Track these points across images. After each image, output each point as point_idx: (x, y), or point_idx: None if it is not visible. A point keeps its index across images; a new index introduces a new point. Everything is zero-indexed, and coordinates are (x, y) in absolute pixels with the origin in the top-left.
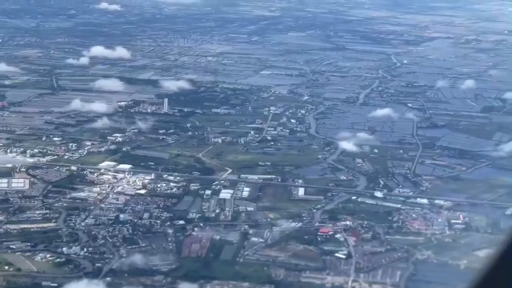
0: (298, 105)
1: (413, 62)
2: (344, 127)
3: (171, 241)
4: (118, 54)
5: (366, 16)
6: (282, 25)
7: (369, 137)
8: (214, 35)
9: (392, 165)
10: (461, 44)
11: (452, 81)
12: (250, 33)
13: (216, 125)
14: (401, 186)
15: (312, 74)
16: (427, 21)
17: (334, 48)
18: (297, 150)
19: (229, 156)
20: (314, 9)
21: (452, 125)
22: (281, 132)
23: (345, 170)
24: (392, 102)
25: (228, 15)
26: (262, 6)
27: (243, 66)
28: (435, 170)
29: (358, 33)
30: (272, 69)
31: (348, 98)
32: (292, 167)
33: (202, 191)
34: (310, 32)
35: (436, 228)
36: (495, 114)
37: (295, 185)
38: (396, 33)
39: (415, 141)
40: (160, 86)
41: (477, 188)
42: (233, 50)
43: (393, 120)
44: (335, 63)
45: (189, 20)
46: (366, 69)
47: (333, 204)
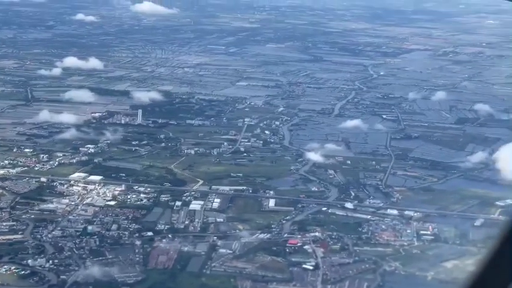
0: (273, 116)
1: (390, 74)
2: (318, 138)
3: (138, 253)
4: (94, 65)
5: (346, 28)
6: (261, 36)
7: (342, 148)
8: (192, 46)
9: (364, 176)
10: (438, 56)
11: (427, 93)
12: (228, 45)
13: (189, 136)
14: (372, 198)
15: (289, 86)
16: (406, 33)
17: (312, 59)
18: (270, 161)
19: (202, 167)
20: (294, 21)
21: (426, 136)
22: (255, 143)
23: (316, 181)
24: (367, 113)
25: (207, 27)
26: (241, 18)
27: (219, 77)
28: (407, 181)
29: (336, 44)
30: (249, 81)
31: (324, 110)
32: (264, 178)
33: (172, 202)
34: (288, 43)
35: (405, 239)
36: (469, 125)
37: (266, 196)
38: (375, 45)
39: (388, 153)
40: (136, 97)
41: (447, 199)
42: (210, 61)
43: (367, 132)
44: (312, 75)
45: (168, 31)
46: (342, 80)
47: (303, 215)
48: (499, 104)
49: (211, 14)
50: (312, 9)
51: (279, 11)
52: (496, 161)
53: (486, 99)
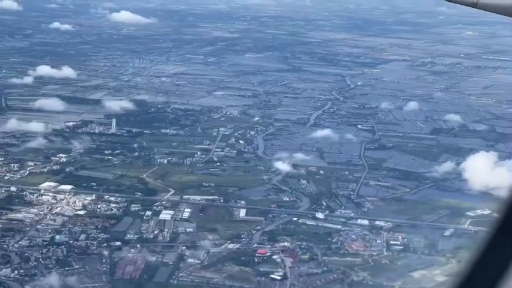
0: (249, 126)
1: (367, 84)
2: (292, 148)
3: (105, 263)
4: (70, 74)
5: (325, 38)
6: (240, 46)
7: (316, 158)
8: (170, 55)
9: (336, 186)
10: (416, 67)
11: (403, 103)
12: (207, 54)
13: (163, 145)
14: (343, 208)
15: (265, 95)
16: (385, 43)
17: (290, 69)
18: (243, 171)
19: (174, 177)
20: (274, 31)
21: (400, 146)
22: (228, 153)
23: (289, 191)
24: (343, 123)
25: (186, 36)
26: (221, 28)
27: (196, 87)
28: (379, 191)
29: (315, 55)
30: (225, 90)
31: (299, 119)
32: (236, 188)
33: (142, 212)
34: (267, 53)
35: (374, 249)
36: (443, 136)
37: (237, 206)
38: (353, 56)
39: (362, 163)
40: (111, 107)
41: (418, 209)
42: (188, 70)
43: (341, 142)
44: (289, 85)
45: (147, 41)
46: (320, 90)
47: (273, 225)
48: (474, 115)
49: (191, 23)
50: (293, 19)
51: (259, 21)
52: (468, 172)
53: (462, 110)
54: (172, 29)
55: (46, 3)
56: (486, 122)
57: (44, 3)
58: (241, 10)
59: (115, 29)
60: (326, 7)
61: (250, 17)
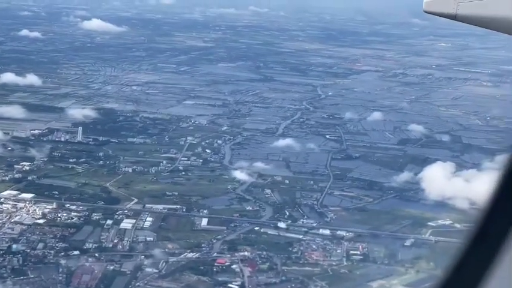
0: (216, 135)
1: (338, 94)
2: (258, 158)
3: (62, 272)
4: (40, 82)
5: (299, 48)
6: (213, 56)
7: (282, 168)
8: (142, 64)
9: (300, 196)
10: (388, 78)
11: (373, 114)
12: (180, 63)
13: (129, 154)
14: (306, 217)
15: (236, 105)
16: (358, 54)
17: (262, 79)
18: (208, 180)
19: (138, 185)
20: (248, 41)
21: (367, 156)
22: (194, 162)
23: (252, 200)
24: (311, 133)
25: (160, 45)
26: (196, 37)
27: (166, 95)
28: (343, 201)
29: (288, 64)
30: (196, 99)
31: (268, 129)
32: (199, 197)
33: (103, 220)
34: (240, 63)
35: (334, 259)
36: (410, 146)
37: (199, 215)
38: (326, 66)
39: (327, 173)
40: (79, 115)
41: (381, 219)
42: (159, 79)
43: (308, 152)
44: (260, 94)
45: (120, 49)
46: (290, 100)
47: (234, 234)
48: (442, 126)
49: (165, 32)
50: (268, 29)
51: (234, 31)
52: (431, 182)
53: (430, 121)
54: (146, 37)
55: (19, 11)
56: (453, 133)
57: (17, 11)
58: (216, 19)
59: (89, 37)
60: (302, 17)
61: (225, 27)
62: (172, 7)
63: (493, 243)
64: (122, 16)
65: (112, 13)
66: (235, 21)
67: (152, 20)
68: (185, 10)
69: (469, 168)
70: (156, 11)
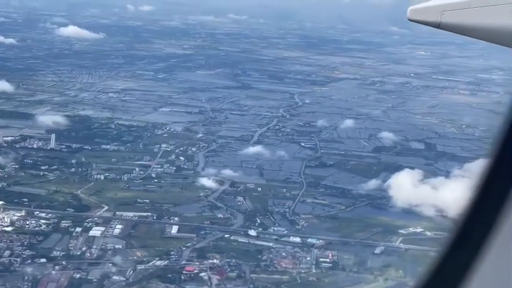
0: (191, 142)
1: (315, 102)
2: (232, 165)
3: (27, 280)
4: (15, 89)
5: (278, 56)
6: (192, 63)
7: (255, 175)
8: (120, 71)
9: (272, 203)
10: (366, 85)
11: (349, 121)
12: (158, 71)
13: (102, 161)
14: (277, 225)
15: (212, 112)
16: (337, 62)
17: (239, 86)
18: (180, 187)
19: (109, 193)
20: (228, 48)
21: (341, 164)
22: (167, 169)
23: (224, 208)
24: (286, 141)
25: (139, 52)
26: (175, 44)
27: (143, 103)
28: (315, 208)
29: (266, 72)
30: (172, 107)
31: (243, 136)
32: (171, 205)
33: (72, 228)
34: (219, 70)
35: (303, 266)
36: (385, 154)
37: (170, 223)
38: (305, 73)
39: (301, 180)
40: (53, 122)
41: (352, 226)
42: (137, 86)
43: (283, 159)
44: (237, 102)
45: (98, 56)
46: (267, 108)
47: (204, 242)
48: (417, 133)
49: (145, 39)
50: (248, 36)
51: (214, 38)
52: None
53: (406, 129)
54: (125, 45)
55: None
56: (428, 141)
57: None
58: (197, 27)
59: (67, 44)
60: (283, 25)
61: (205, 34)
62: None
63: (472, 247)
64: (102, 23)
65: (92, 20)
66: (216, 28)
67: (132, 27)
68: (165, 17)
69: (441, 176)
70: (136, 18)
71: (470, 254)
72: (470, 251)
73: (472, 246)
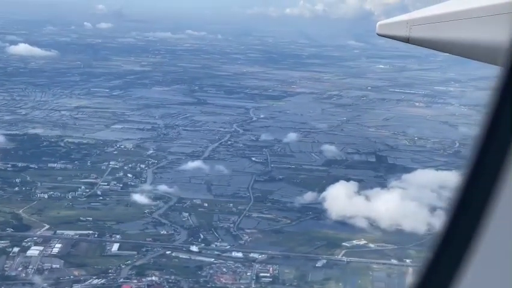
0: (141, 159)
1: (270, 117)
2: (180, 181)
3: None
4: None
5: (237, 71)
6: (149, 80)
7: (203, 191)
8: (75, 89)
9: (217, 219)
10: (322, 99)
11: (302, 135)
12: (113, 88)
13: (47, 180)
14: (221, 240)
15: (165, 128)
16: (296, 76)
17: (195, 102)
18: (125, 205)
19: (52, 212)
20: (186, 64)
21: (290, 178)
22: (114, 186)
23: (168, 224)
24: (237, 156)
25: (96, 70)
26: (134, 61)
27: (95, 120)
28: (260, 223)
29: (223, 87)
30: (124, 124)
31: (194, 152)
32: (114, 222)
33: (10, 248)
34: (175, 86)
35: (243, 281)
36: (335, 167)
37: (110, 241)
38: (262, 88)
39: (248, 195)
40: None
41: (296, 240)
42: (90, 104)
43: (232, 174)
44: (191, 118)
45: (54, 74)
46: (221, 123)
47: (145, 259)
48: (369, 146)
49: (104, 57)
50: (209, 52)
51: (174, 55)
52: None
53: (358, 142)
54: (83, 62)
55: None
56: (380, 153)
57: None
58: (157, 44)
59: (23, 62)
60: (244, 41)
61: (165, 51)
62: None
63: (462, 243)
64: (61, 41)
65: (51, 38)
66: (176, 45)
67: (91, 45)
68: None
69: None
70: (96, 36)
71: (462, 246)
72: (461, 243)
73: (462, 241)
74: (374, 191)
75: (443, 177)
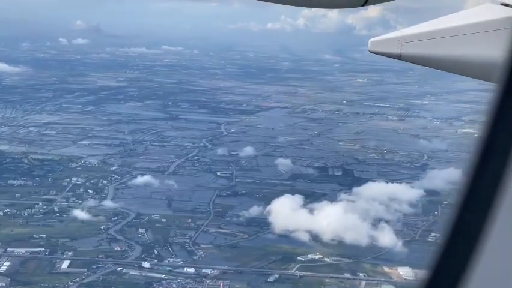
0: (104, 175)
1: (241, 131)
2: (141, 197)
3: None
4: None
5: (213, 86)
6: (124, 95)
7: (163, 206)
8: (47, 105)
9: (174, 234)
10: (296, 114)
11: (271, 150)
12: (86, 104)
13: (5, 197)
14: (174, 256)
15: (132, 144)
16: (272, 91)
17: (167, 118)
18: (81, 221)
19: (5, 229)
20: (163, 80)
21: (253, 193)
22: (72, 203)
23: (123, 240)
24: (203, 171)
25: (71, 86)
26: (111, 77)
27: (63, 136)
28: (217, 238)
29: (197, 103)
30: (92, 139)
31: (159, 168)
32: (67, 239)
33: None
34: (149, 102)
35: None
36: (300, 181)
37: (61, 258)
38: (236, 103)
39: (208, 210)
40: None
41: (251, 255)
42: (60, 120)
43: (195, 189)
44: (161, 133)
45: (27, 91)
46: (190, 138)
47: (94, 276)
48: (337, 160)
49: (80, 73)
50: (187, 68)
51: (152, 70)
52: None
53: (327, 155)
54: (58, 78)
55: None
56: (346, 167)
57: None
58: (136, 59)
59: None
60: (225, 56)
61: (143, 66)
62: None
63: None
64: (38, 57)
65: (28, 54)
66: (156, 60)
67: (68, 61)
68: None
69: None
70: (74, 52)
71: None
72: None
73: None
74: (321, 204)
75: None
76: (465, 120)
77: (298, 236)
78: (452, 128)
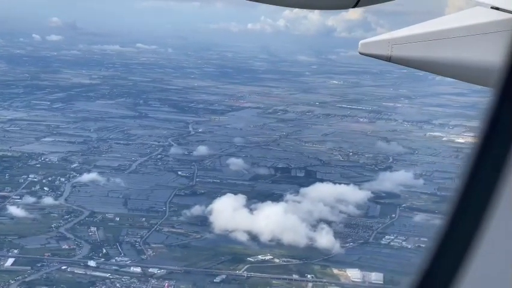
0: (63, 173)
1: (209, 131)
2: (98, 195)
3: None
4: None
5: (187, 85)
6: (95, 93)
7: (118, 205)
8: (15, 101)
9: (126, 233)
10: (266, 114)
11: (236, 150)
12: (55, 101)
13: None
14: (122, 255)
15: (96, 142)
16: (246, 91)
17: (135, 116)
18: (32, 219)
19: None
20: (138, 78)
21: (212, 192)
22: (26, 200)
23: (72, 239)
24: (164, 170)
25: (43, 82)
26: (85, 74)
27: (27, 133)
28: (169, 237)
29: (168, 101)
30: (56, 137)
31: (120, 166)
32: (15, 237)
33: None
34: (120, 100)
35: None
36: (261, 182)
37: (6, 256)
38: (208, 103)
39: (164, 209)
40: None
41: (200, 255)
42: (26, 116)
43: (153, 188)
44: (127, 131)
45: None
46: (156, 137)
47: (37, 274)
48: (301, 161)
49: (54, 69)
50: (163, 66)
51: (127, 68)
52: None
53: (292, 157)
54: (31, 75)
55: None
56: (310, 168)
57: None
58: (114, 57)
59: None
60: (203, 55)
61: (119, 64)
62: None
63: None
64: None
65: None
66: (132, 58)
67: (45, 57)
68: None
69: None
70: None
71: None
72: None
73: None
74: (264, 205)
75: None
76: (435, 124)
77: (236, 236)
78: (422, 131)
